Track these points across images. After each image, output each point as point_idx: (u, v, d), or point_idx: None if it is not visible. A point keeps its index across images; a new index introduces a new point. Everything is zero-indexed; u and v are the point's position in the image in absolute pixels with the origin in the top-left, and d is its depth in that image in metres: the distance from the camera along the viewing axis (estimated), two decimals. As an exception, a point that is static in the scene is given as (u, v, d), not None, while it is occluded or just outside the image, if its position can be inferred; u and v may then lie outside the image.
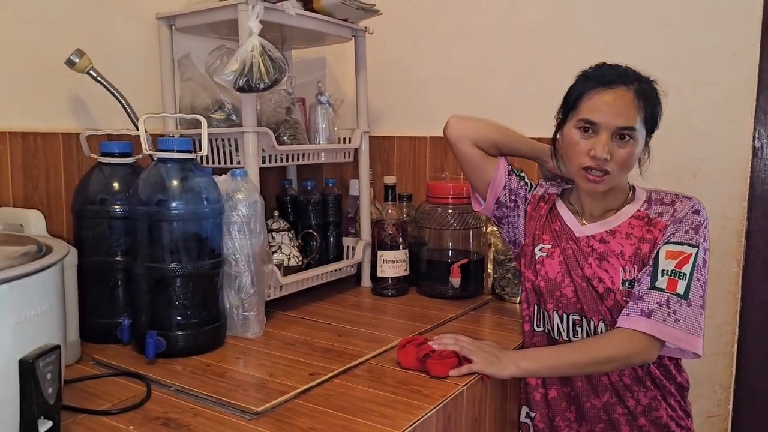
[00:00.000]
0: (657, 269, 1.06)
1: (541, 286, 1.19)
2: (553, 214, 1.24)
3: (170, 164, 1.16)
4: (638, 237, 1.13)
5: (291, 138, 1.51)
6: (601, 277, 1.12)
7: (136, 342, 1.16)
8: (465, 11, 1.75)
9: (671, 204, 1.14)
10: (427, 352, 1.09)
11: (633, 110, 1.07)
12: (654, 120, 1.11)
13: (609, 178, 1.10)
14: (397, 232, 1.60)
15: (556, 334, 1.18)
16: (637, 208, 1.16)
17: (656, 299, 1.04)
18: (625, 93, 1.08)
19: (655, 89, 1.12)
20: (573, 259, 1.16)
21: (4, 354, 0.68)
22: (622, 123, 1.07)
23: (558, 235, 1.20)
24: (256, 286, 1.24)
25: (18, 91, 1.29)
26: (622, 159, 1.08)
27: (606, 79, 1.10)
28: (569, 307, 1.16)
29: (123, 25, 1.48)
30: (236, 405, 0.93)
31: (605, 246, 1.14)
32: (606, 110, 1.07)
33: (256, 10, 1.27)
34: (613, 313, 1.10)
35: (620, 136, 1.08)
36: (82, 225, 1.22)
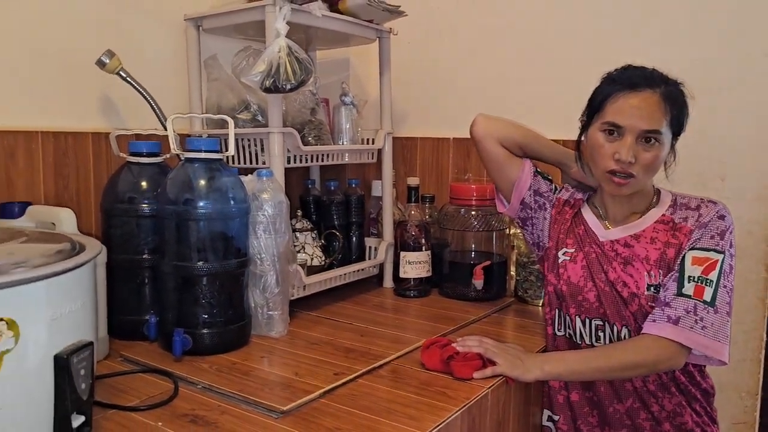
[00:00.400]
0: (683, 275, 1.06)
1: (564, 290, 1.18)
2: (578, 219, 1.23)
3: (198, 164, 1.17)
4: (663, 242, 1.11)
5: (315, 138, 1.52)
6: (626, 282, 1.11)
7: (163, 339, 1.17)
8: (489, 12, 1.74)
9: (696, 209, 1.12)
10: (451, 354, 1.09)
11: (659, 113, 1.06)
12: (680, 123, 1.10)
13: (634, 182, 1.09)
14: (420, 234, 1.60)
15: (578, 339, 1.17)
16: (662, 213, 1.15)
17: (683, 306, 1.03)
18: (650, 96, 1.07)
19: (681, 92, 1.11)
20: (597, 263, 1.15)
21: (40, 349, 0.69)
22: (648, 126, 1.06)
23: (581, 240, 1.19)
24: (281, 286, 1.25)
25: (50, 92, 1.32)
26: (647, 162, 1.07)
27: (632, 81, 1.08)
28: (592, 312, 1.15)
29: (152, 27, 1.50)
30: (263, 403, 0.94)
31: (630, 250, 1.13)
32: (631, 113, 1.07)
33: (283, 12, 1.28)
34: (637, 318, 1.10)
35: (645, 140, 1.07)
36: (111, 223, 1.24)
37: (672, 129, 1.09)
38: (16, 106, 1.26)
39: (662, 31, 1.48)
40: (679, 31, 1.46)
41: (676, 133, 1.10)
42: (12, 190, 1.24)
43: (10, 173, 1.24)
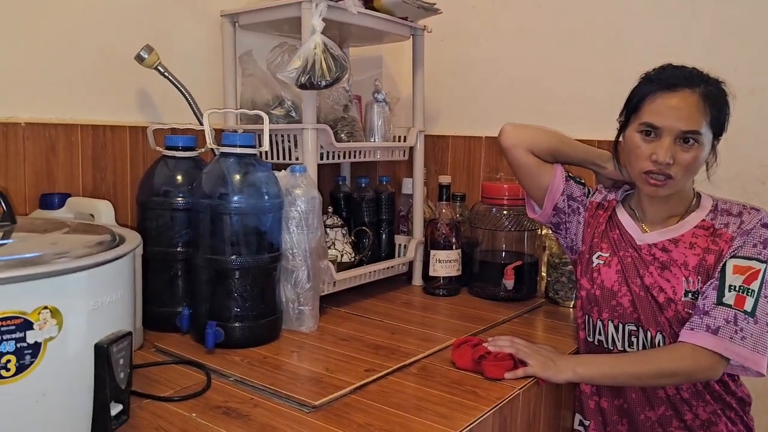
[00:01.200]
0: (724, 284, 1.03)
1: (597, 295, 1.16)
2: (612, 222, 1.20)
3: (232, 159, 1.18)
4: (703, 248, 1.09)
5: (348, 135, 1.53)
6: (662, 287, 1.09)
7: (195, 331, 1.19)
8: (524, 11, 1.73)
9: (738, 215, 1.09)
10: (482, 354, 1.08)
11: (697, 114, 1.04)
12: (721, 123, 1.08)
13: (672, 183, 1.07)
14: (451, 232, 1.59)
15: (611, 344, 1.15)
16: (701, 218, 1.12)
17: (723, 315, 1.01)
18: (689, 96, 1.05)
19: (723, 91, 1.08)
20: (632, 267, 1.13)
21: (81, 338, 0.71)
22: (686, 127, 1.04)
23: (616, 244, 1.17)
24: (312, 281, 1.26)
25: (89, 86, 1.34)
26: (686, 163, 1.05)
27: (670, 81, 1.06)
28: (625, 317, 1.13)
29: (189, 23, 1.51)
30: (294, 398, 0.95)
31: (668, 255, 1.11)
32: (669, 114, 1.05)
33: (320, 8, 1.28)
34: (673, 324, 1.07)
35: (684, 140, 1.05)
36: (146, 216, 1.26)
37: (712, 129, 1.06)
38: (57, 99, 1.29)
39: (702, 32, 1.45)
40: (723, 31, 1.43)
41: (717, 133, 1.08)
42: (52, 182, 1.27)
43: (50, 165, 1.27)
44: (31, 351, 0.66)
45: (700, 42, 1.45)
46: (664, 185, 1.07)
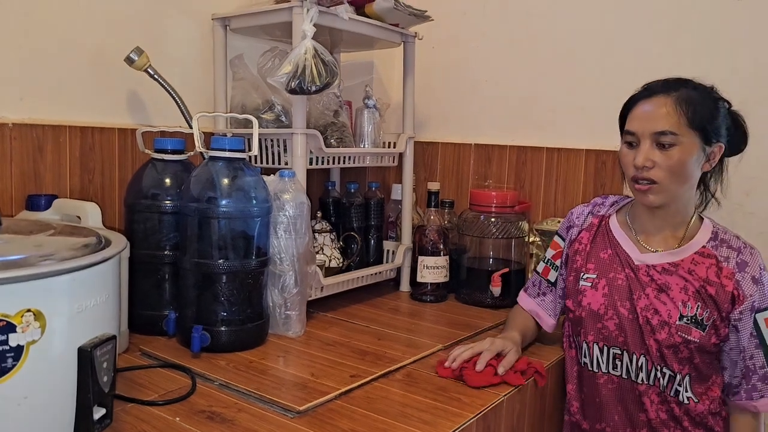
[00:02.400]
0: (765, 341, 1.06)
1: (582, 317, 1.16)
2: (605, 239, 1.19)
3: (221, 163, 1.18)
4: (702, 277, 1.08)
5: (338, 141, 1.53)
6: (658, 309, 1.08)
7: (181, 335, 1.18)
8: (515, 20, 1.74)
9: (738, 251, 1.09)
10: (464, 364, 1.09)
11: (671, 115, 1.05)
12: (706, 125, 1.06)
13: (658, 188, 1.07)
14: (439, 239, 1.60)
15: (595, 367, 1.15)
16: (702, 244, 1.11)
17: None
18: (664, 99, 1.06)
19: (707, 94, 1.08)
20: (625, 289, 1.13)
21: (65, 341, 0.70)
22: (658, 128, 1.05)
23: (606, 264, 1.16)
24: (299, 286, 1.26)
25: (78, 87, 1.33)
26: (666, 165, 1.05)
27: (648, 89, 1.10)
28: (611, 340, 1.13)
29: (180, 25, 1.51)
30: (279, 403, 0.95)
31: (666, 278, 1.10)
32: (642, 118, 1.07)
33: (311, 14, 1.28)
34: (662, 347, 1.08)
35: (661, 143, 1.05)
36: (134, 218, 1.26)
37: (696, 131, 1.05)
38: (45, 100, 1.28)
39: (695, 42, 1.47)
40: (710, 42, 1.45)
41: (706, 137, 1.06)
42: (39, 183, 1.26)
43: (38, 166, 1.26)
44: (13, 354, 0.65)
45: (689, 53, 1.47)
46: (650, 189, 1.07)
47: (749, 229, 1.39)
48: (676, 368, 1.08)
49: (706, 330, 1.06)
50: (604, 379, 1.14)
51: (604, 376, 1.14)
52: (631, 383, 1.12)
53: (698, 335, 1.06)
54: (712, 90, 1.10)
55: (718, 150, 1.09)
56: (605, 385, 1.14)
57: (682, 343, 1.06)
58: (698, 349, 1.07)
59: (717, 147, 1.09)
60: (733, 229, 1.13)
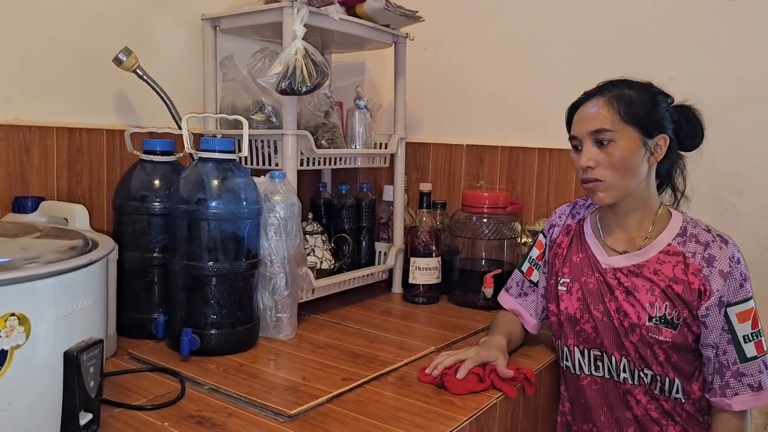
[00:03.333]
0: (737, 336, 1.04)
1: (562, 321, 1.17)
2: (579, 243, 1.20)
3: (211, 164, 1.17)
4: (669, 276, 1.07)
5: (329, 141, 1.52)
6: (627, 312, 1.08)
7: (171, 338, 1.17)
8: (506, 21, 1.74)
9: (705, 245, 1.07)
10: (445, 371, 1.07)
11: (604, 112, 1.07)
12: (645, 119, 1.07)
13: (604, 185, 1.08)
14: (431, 240, 1.59)
15: (578, 370, 1.16)
16: (667, 241, 1.10)
17: (756, 368, 1.04)
18: (598, 100, 1.09)
19: (643, 90, 1.10)
20: (596, 293, 1.13)
21: (50, 346, 0.69)
22: (592, 127, 1.07)
23: (579, 268, 1.17)
24: (290, 289, 1.25)
25: (66, 88, 1.32)
26: (608, 163, 1.07)
27: (586, 94, 1.13)
28: (589, 342, 1.14)
29: (169, 26, 1.50)
30: (270, 407, 0.94)
31: (632, 280, 1.10)
32: (580, 120, 1.10)
33: (301, 14, 1.27)
34: (639, 348, 1.08)
35: (599, 142, 1.07)
36: (122, 220, 1.24)
37: (632, 124, 1.06)
38: (32, 101, 1.27)
39: (686, 44, 1.47)
40: (700, 45, 1.45)
41: (645, 128, 1.07)
42: (26, 185, 1.25)
43: (24, 168, 1.24)
44: (-3, 359, 0.64)
45: (680, 55, 1.47)
46: (596, 187, 1.09)
47: (742, 229, 1.40)
48: (656, 369, 1.08)
49: (678, 329, 1.05)
50: (588, 381, 1.15)
51: (587, 378, 1.15)
52: (615, 383, 1.13)
53: (670, 334, 1.05)
54: (649, 86, 1.11)
55: (663, 142, 1.09)
56: (589, 386, 1.15)
57: (654, 344, 1.07)
58: (673, 348, 1.06)
59: (661, 139, 1.09)
60: (726, 230, 1.13)
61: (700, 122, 1.14)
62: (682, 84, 1.45)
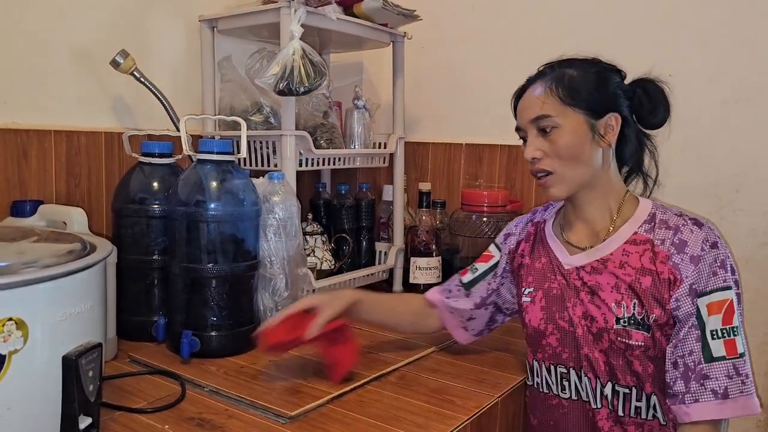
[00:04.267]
0: (705, 332, 0.88)
1: (529, 334, 1.06)
2: (541, 248, 1.08)
3: (209, 165, 1.17)
4: (636, 267, 0.95)
5: (328, 142, 1.52)
6: (594, 316, 0.96)
7: (171, 341, 1.17)
8: (504, 19, 1.73)
9: (675, 229, 0.94)
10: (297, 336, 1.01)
11: (543, 97, 0.97)
12: (595, 97, 0.96)
13: (555, 178, 0.98)
14: (431, 239, 1.59)
15: (545, 388, 1.04)
16: (633, 230, 0.98)
17: (723, 372, 0.87)
18: (538, 86, 0.99)
19: (587, 66, 1.00)
20: (559, 299, 1.01)
21: (48, 350, 0.69)
22: (533, 115, 0.98)
23: (542, 274, 1.05)
24: (290, 289, 1.24)
25: (63, 91, 1.32)
26: (553, 152, 0.97)
27: (527, 81, 1.04)
28: (555, 358, 1.02)
29: (166, 28, 1.50)
30: (270, 408, 0.93)
31: (596, 277, 0.98)
32: (521, 108, 1.02)
33: (299, 14, 1.27)
34: (609, 357, 0.96)
35: (542, 130, 0.98)
36: (122, 223, 1.24)
37: (575, 106, 0.96)
38: (29, 104, 1.27)
39: (683, 41, 1.46)
40: (697, 42, 1.44)
41: (592, 109, 0.96)
42: (24, 189, 1.25)
43: (22, 172, 1.24)
44: (-5, 364, 0.64)
45: (680, 52, 1.46)
46: (547, 181, 0.99)
47: (740, 225, 1.39)
48: (630, 381, 0.95)
49: (650, 330, 0.92)
50: (555, 402, 1.03)
51: (555, 398, 1.03)
52: (582, 405, 1.00)
53: (641, 337, 0.92)
54: (594, 62, 1.01)
55: (615, 121, 0.98)
56: (557, 408, 1.03)
57: (626, 349, 0.94)
58: (647, 355, 0.93)
59: (611, 118, 0.97)
60: (723, 227, 1.11)
61: (662, 94, 1.01)
62: (681, 82, 1.46)
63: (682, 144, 1.44)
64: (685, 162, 1.45)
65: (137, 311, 1.22)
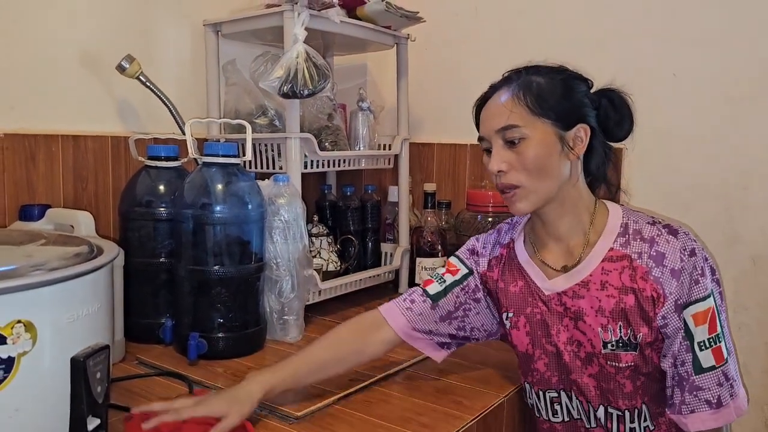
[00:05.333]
0: (693, 344, 0.87)
1: (518, 358, 1.03)
2: (512, 272, 1.02)
3: (215, 168, 1.18)
4: (617, 287, 0.91)
5: (332, 144, 1.52)
6: (580, 341, 0.94)
7: (178, 343, 1.18)
8: (507, 19, 1.73)
9: (650, 241, 0.91)
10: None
11: (510, 105, 0.91)
12: (563, 107, 0.91)
13: (522, 192, 0.92)
14: (436, 240, 1.59)
15: (537, 412, 1.02)
16: (609, 246, 0.93)
17: (714, 381, 0.87)
18: (503, 93, 0.93)
19: (554, 74, 0.94)
20: (543, 324, 0.97)
21: (57, 352, 0.70)
22: (498, 125, 0.91)
23: (521, 299, 1.00)
24: (297, 291, 1.25)
25: (70, 95, 1.33)
26: (521, 165, 0.90)
27: (491, 87, 0.97)
28: (543, 383, 0.99)
29: (171, 32, 1.51)
30: (277, 409, 0.94)
31: (578, 302, 0.93)
32: (486, 117, 0.95)
33: (302, 18, 1.28)
34: (600, 381, 0.94)
35: (509, 141, 0.91)
36: (128, 226, 1.25)
37: (543, 117, 0.90)
38: (37, 109, 1.28)
39: (685, 40, 1.46)
40: (701, 39, 1.44)
41: (561, 120, 0.91)
42: (32, 193, 1.26)
43: (30, 176, 1.25)
44: (4, 366, 0.65)
45: (683, 50, 1.46)
46: (514, 196, 0.92)
47: (748, 223, 1.39)
48: (622, 405, 0.93)
49: (638, 348, 0.90)
50: (547, 426, 1.02)
51: (546, 423, 1.02)
52: (575, 424, 0.99)
53: (631, 358, 0.90)
54: (561, 69, 0.96)
55: (584, 133, 0.93)
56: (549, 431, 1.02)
57: (617, 373, 0.92)
58: (637, 372, 0.92)
59: (580, 130, 0.92)
60: (732, 225, 1.10)
61: (627, 106, 0.96)
62: (685, 81, 1.46)
63: (688, 143, 1.44)
64: (691, 161, 1.45)
65: (144, 314, 1.23)
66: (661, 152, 1.49)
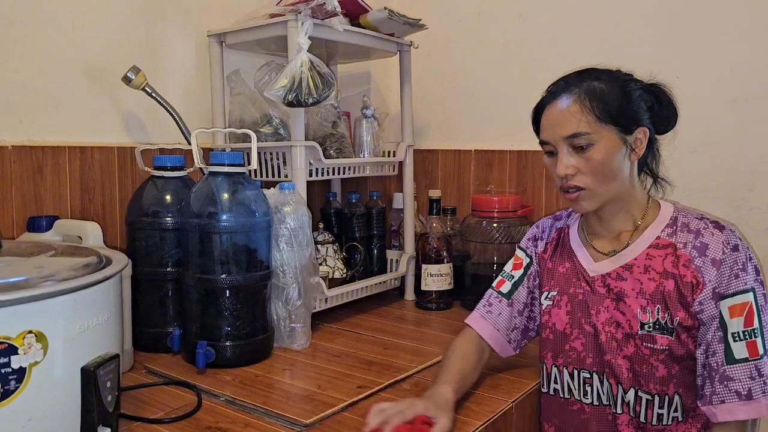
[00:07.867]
0: (727, 334, 0.91)
1: (550, 339, 1.07)
2: (563, 254, 1.09)
3: (221, 177, 1.18)
4: (659, 272, 0.96)
5: (337, 151, 1.53)
6: (620, 322, 0.98)
7: (186, 352, 1.18)
8: (510, 25, 1.74)
9: (696, 233, 0.96)
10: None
11: (577, 113, 0.95)
12: (617, 112, 0.96)
13: (587, 194, 0.98)
14: (442, 246, 1.60)
15: (566, 393, 1.05)
16: (656, 234, 0.99)
17: (746, 374, 0.89)
18: (567, 99, 0.97)
19: (614, 80, 0.99)
20: (584, 306, 1.03)
21: (67, 362, 0.70)
22: (567, 132, 0.96)
23: (566, 279, 1.06)
24: (303, 298, 1.25)
25: (76, 107, 1.34)
26: (588, 169, 0.96)
27: (552, 91, 1.01)
28: (579, 363, 1.03)
29: (176, 43, 1.52)
30: (286, 416, 0.94)
31: (621, 284, 0.99)
32: (550, 125, 0.99)
33: (305, 27, 1.29)
34: (634, 363, 0.97)
35: (576, 147, 0.96)
36: (135, 236, 1.26)
37: (609, 123, 0.95)
38: (44, 121, 1.29)
39: (688, 41, 1.47)
40: (706, 40, 1.44)
41: (623, 125, 0.96)
42: (40, 204, 1.27)
43: (38, 188, 1.26)
44: (16, 376, 0.65)
45: (685, 50, 1.46)
46: (579, 197, 0.98)
47: (754, 224, 1.39)
48: (653, 389, 0.96)
49: (674, 334, 0.94)
50: (577, 407, 1.04)
51: (577, 404, 1.04)
52: (603, 410, 1.01)
53: (666, 341, 0.94)
54: (618, 73, 1.01)
55: (643, 135, 0.99)
56: (578, 414, 1.03)
57: (651, 356, 0.95)
58: (672, 357, 0.95)
59: (641, 132, 0.98)
60: (739, 226, 1.11)
61: (672, 102, 1.03)
62: (689, 82, 1.46)
63: (693, 145, 1.44)
64: (697, 163, 1.45)
65: (152, 323, 1.24)
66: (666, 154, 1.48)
